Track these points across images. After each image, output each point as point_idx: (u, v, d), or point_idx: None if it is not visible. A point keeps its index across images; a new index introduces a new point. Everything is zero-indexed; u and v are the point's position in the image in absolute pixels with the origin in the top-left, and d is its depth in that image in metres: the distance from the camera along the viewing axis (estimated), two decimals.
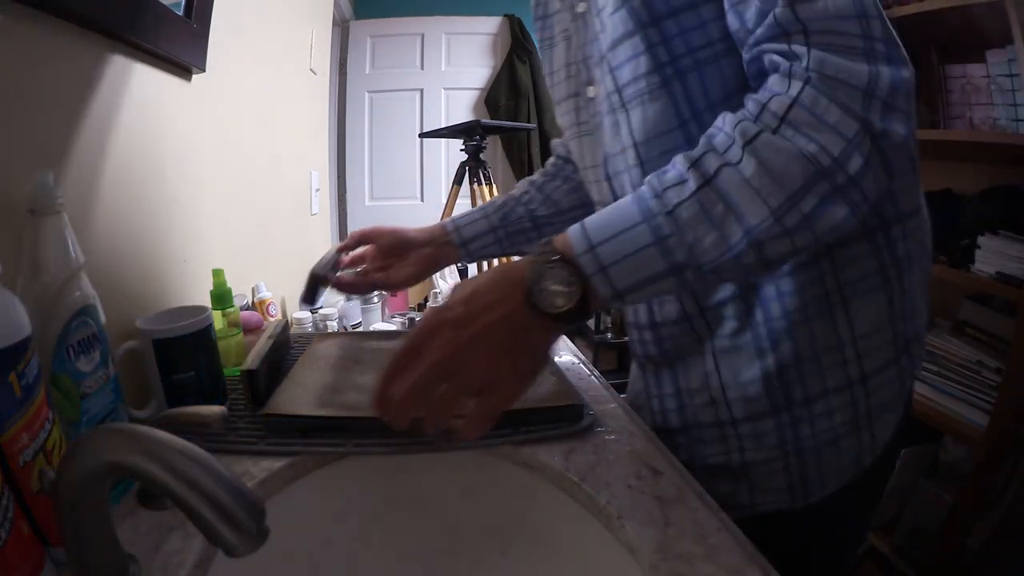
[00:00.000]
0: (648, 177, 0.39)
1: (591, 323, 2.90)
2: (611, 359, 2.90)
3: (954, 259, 1.25)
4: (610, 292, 0.37)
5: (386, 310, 1.18)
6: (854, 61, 0.36)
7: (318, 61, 1.53)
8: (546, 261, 0.37)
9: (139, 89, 0.65)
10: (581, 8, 0.52)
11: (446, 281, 1.52)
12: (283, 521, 0.47)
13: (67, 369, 0.40)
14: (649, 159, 0.47)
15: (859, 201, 0.36)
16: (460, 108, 2.93)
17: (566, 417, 0.54)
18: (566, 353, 0.78)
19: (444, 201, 2.14)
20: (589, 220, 0.39)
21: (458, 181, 2.03)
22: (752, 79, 0.41)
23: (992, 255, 1.17)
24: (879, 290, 0.47)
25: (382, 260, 0.71)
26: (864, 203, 0.36)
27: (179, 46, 0.71)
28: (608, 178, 0.53)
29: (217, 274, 0.71)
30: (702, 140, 0.39)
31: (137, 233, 0.65)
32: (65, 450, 0.34)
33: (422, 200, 2.98)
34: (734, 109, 0.41)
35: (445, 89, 2.93)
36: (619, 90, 0.48)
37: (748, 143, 0.36)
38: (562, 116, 0.60)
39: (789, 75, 0.37)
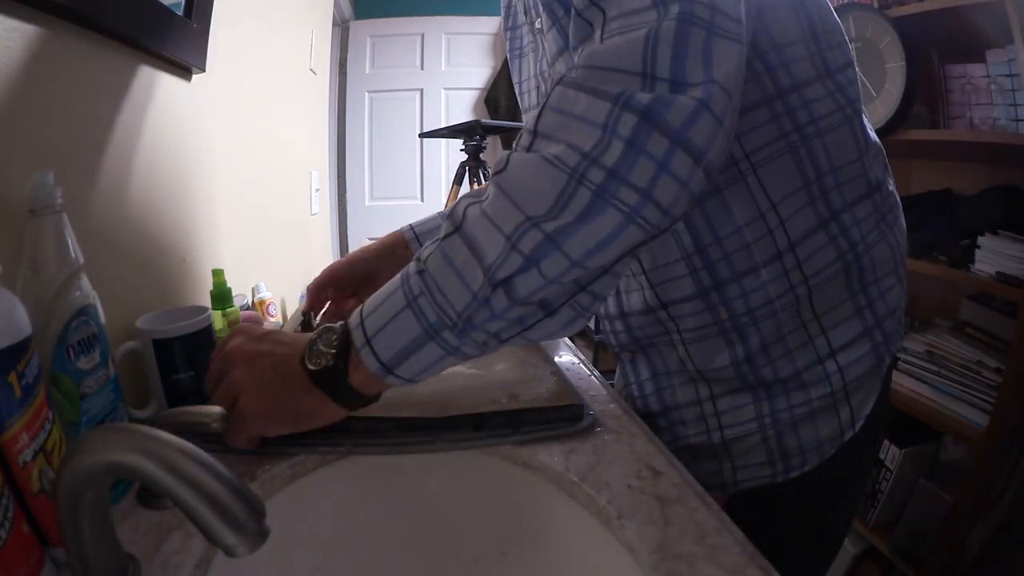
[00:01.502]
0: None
1: (591, 323, 2.90)
2: (611, 359, 2.89)
3: (954, 259, 1.25)
4: (375, 364, 0.37)
5: None
6: (633, 32, 0.29)
7: (318, 61, 1.53)
8: (329, 330, 0.40)
9: (139, 89, 0.65)
10: (539, 24, 0.54)
11: None
12: (283, 521, 0.48)
13: (67, 369, 0.40)
14: None
15: (635, 202, 0.28)
16: (460, 108, 2.94)
17: (566, 417, 0.54)
18: (566, 353, 0.78)
19: (444, 201, 2.15)
20: (371, 297, 0.38)
21: (458, 181, 2.03)
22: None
23: (992, 255, 1.17)
24: (840, 274, 0.48)
25: (353, 295, 0.69)
26: (646, 202, 0.28)
27: (179, 46, 0.71)
28: None
29: (217, 274, 0.72)
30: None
31: (137, 233, 0.65)
32: (65, 450, 0.34)
33: (422, 200, 2.98)
34: None
35: (445, 89, 2.93)
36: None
37: (497, 174, 0.32)
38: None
39: (559, 82, 0.32)
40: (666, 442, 0.55)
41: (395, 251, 0.69)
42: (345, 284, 0.67)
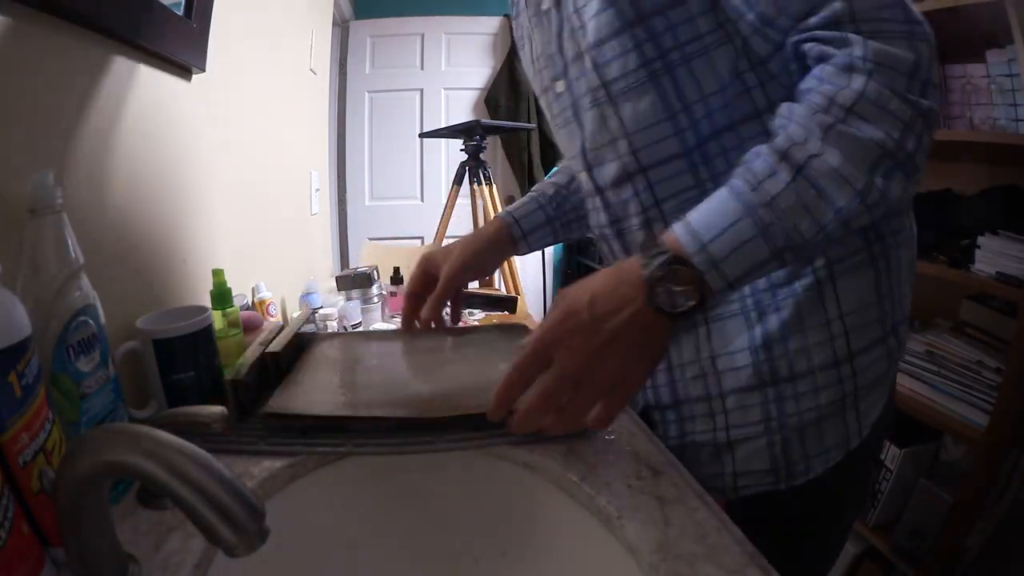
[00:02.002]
0: (737, 171, 0.41)
1: None
2: None
3: (954, 259, 1.25)
4: (723, 284, 0.40)
5: (386, 310, 1.18)
6: (900, 47, 0.39)
7: (318, 61, 1.53)
8: (661, 263, 0.40)
9: (139, 89, 0.65)
10: (546, 5, 0.54)
11: None
12: (283, 521, 0.48)
13: (67, 369, 0.40)
14: (643, 146, 0.50)
15: (914, 171, 0.40)
16: (460, 108, 2.93)
17: None
18: None
19: (444, 201, 2.14)
20: (693, 218, 0.41)
21: (458, 181, 2.03)
22: (791, 61, 0.43)
23: (992, 255, 1.17)
24: (866, 267, 0.48)
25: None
26: (918, 171, 0.40)
27: (179, 46, 0.71)
28: (588, 168, 0.55)
29: (217, 274, 0.72)
30: (779, 132, 0.41)
31: (137, 233, 0.65)
32: (65, 450, 0.34)
33: (422, 200, 2.98)
34: (728, 99, 0.46)
35: (445, 89, 2.93)
36: (605, 85, 0.49)
37: (826, 134, 0.39)
38: (545, 109, 0.63)
39: (850, 68, 0.39)
40: (673, 436, 0.56)
41: (500, 242, 0.70)
42: (462, 285, 0.69)
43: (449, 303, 0.69)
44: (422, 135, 2.45)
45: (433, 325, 0.68)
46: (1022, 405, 1.12)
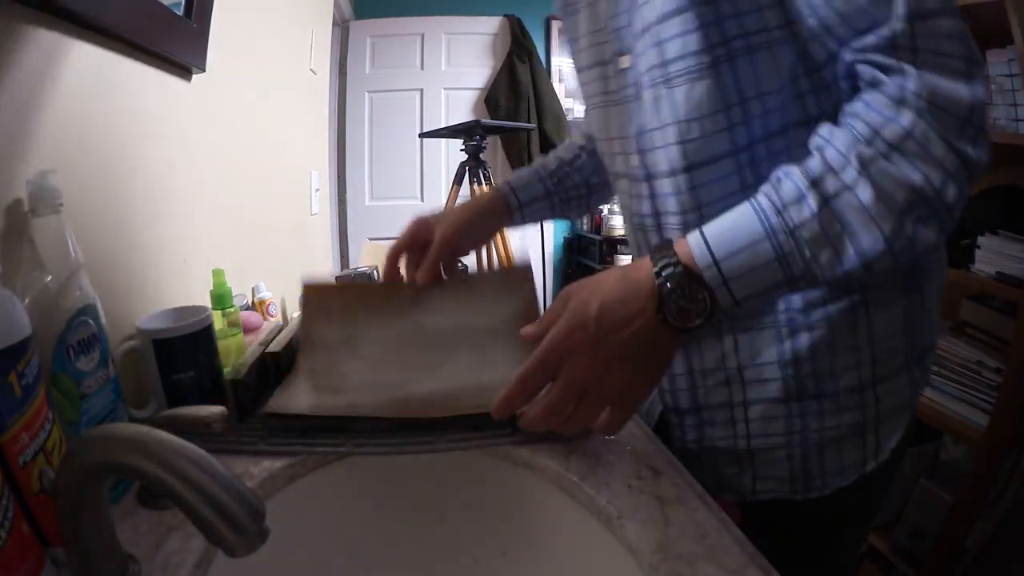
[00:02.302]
0: (764, 188, 0.40)
1: None
2: None
3: (954, 259, 1.25)
4: (729, 302, 0.40)
5: None
6: (957, 84, 0.36)
7: (318, 61, 1.53)
8: (672, 274, 0.40)
9: (139, 89, 0.65)
10: None
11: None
12: (283, 521, 0.48)
13: (67, 369, 0.40)
14: (690, 139, 0.47)
15: (949, 223, 0.38)
16: (460, 108, 2.94)
17: None
18: None
19: (444, 201, 2.15)
20: (709, 231, 0.40)
21: (458, 181, 2.03)
22: (842, 78, 0.41)
23: (992, 255, 1.17)
24: (899, 297, 0.48)
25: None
26: (953, 224, 0.38)
27: (179, 46, 0.71)
28: (640, 152, 0.51)
29: (217, 274, 0.72)
30: (815, 153, 0.39)
31: (137, 233, 0.65)
32: (65, 450, 0.34)
33: (422, 200, 2.98)
34: (784, 101, 0.43)
35: (445, 89, 2.93)
36: (664, 64, 0.46)
37: (863, 168, 0.37)
38: (586, 84, 0.58)
39: (900, 101, 0.37)
40: (691, 440, 0.55)
41: (496, 211, 0.68)
42: (457, 252, 0.65)
43: (443, 269, 0.64)
44: (422, 135, 2.45)
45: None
46: (1022, 405, 1.12)
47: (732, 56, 0.43)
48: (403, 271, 0.65)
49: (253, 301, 0.99)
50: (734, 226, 0.39)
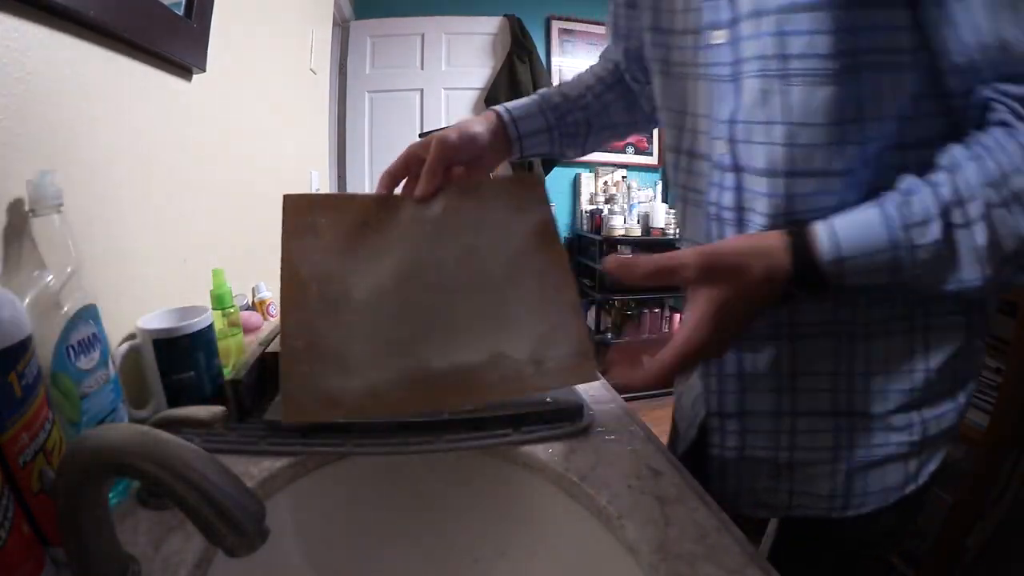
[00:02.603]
0: (894, 197, 0.40)
1: (592, 323, 2.90)
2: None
3: None
4: (830, 285, 0.41)
5: None
6: None
7: (318, 61, 1.53)
8: (802, 261, 0.41)
9: (139, 89, 0.65)
10: None
11: None
12: (283, 521, 0.48)
13: (67, 369, 0.40)
14: (799, 144, 0.44)
15: None
16: (460, 108, 2.93)
17: (566, 417, 0.54)
18: None
19: None
20: (843, 231, 0.41)
21: None
22: (972, 107, 0.41)
23: None
24: (958, 327, 0.48)
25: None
26: None
27: (179, 46, 0.71)
28: (731, 140, 0.48)
29: (217, 274, 0.72)
30: (945, 176, 0.39)
31: (137, 233, 0.65)
32: (65, 450, 0.34)
33: None
34: (902, 127, 0.43)
35: (445, 89, 2.93)
36: (785, 58, 0.43)
37: (987, 210, 0.38)
38: (670, 49, 0.54)
39: None
40: (731, 447, 0.53)
41: (495, 136, 0.62)
42: (457, 157, 0.59)
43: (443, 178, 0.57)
44: (422, 135, 2.45)
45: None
46: (1022, 405, 1.12)
47: (858, 69, 0.41)
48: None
49: (253, 301, 0.99)
50: (863, 229, 0.40)
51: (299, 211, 0.54)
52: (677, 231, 0.57)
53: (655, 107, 0.60)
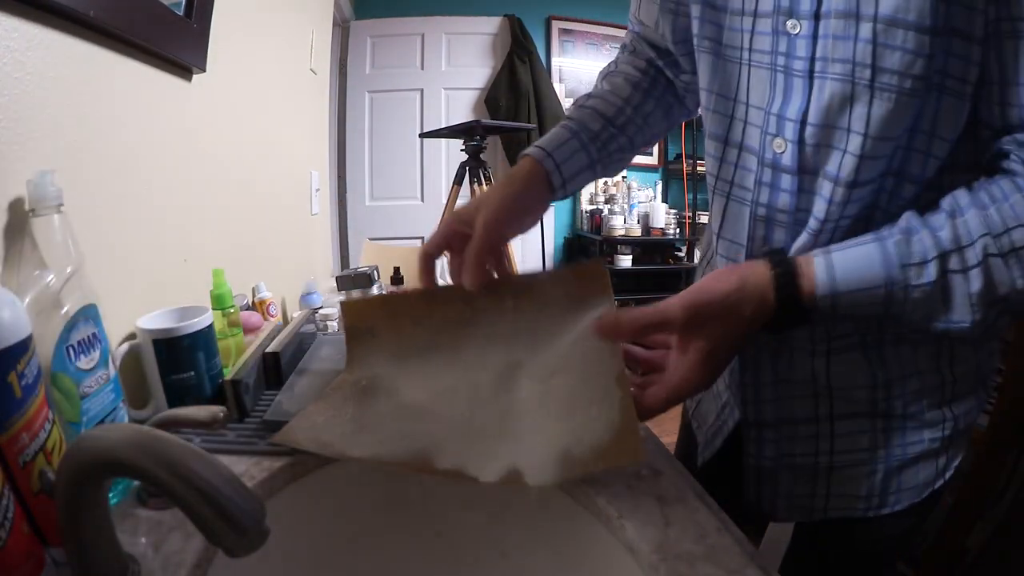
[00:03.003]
0: (895, 234, 0.41)
1: None
2: None
3: None
4: (815, 317, 0.42)
5: None
6: None
7: (318, 61, 1.53)
8: (787, 295, 0.42)
9: (139, 89, 0.65)
10: None
11: (447, 281, 1.51)
12: (283, 521, 0.48)
13: (67, 369, 0.40)
14: (872, 156, 0.43)
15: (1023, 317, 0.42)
16: (460, 108, 2.94)
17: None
18: None
19: (444, 201, 2.15)
20: (841, 264, 0.41)
21: (458, 181, 2.03)
22: (993, 157, 0.42)
23: None
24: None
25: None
26: None
27: (179, 46, 0.71)
28: (799, 141, 0.45)
29: (217, 274, 0.72)
30: (946, 218, 0.40)
31: (137, 233, 0.65)
32: (65, 450, 0.34)
33: (422, 200, 2.99)
34: (947, 150, 0.43)
35: (445, 89, 2.93)
36: (875, 69, 0.41)
37: (984, 258, 0.39)
38: (728, 30, 0.49)
39: None
40: (768, 456, 0.53)
41: (541, 192, 0.56)
42: (503, 240, 0.54)
43: (493, 262, 0.53)
44: (422, 135, 2.45)
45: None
46: (1022, 405, 1.12)
47: (930, 91, 0.42)
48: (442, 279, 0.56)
49: (253, 301, 0.99)
50: (860, 264, 0.41)
51: (356, 316, 0.55)
52: (716, 225, 0.55)
53: (697, 101, 0.57)
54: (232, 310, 0.71)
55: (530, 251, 2.99)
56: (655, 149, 3.28)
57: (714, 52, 0.51)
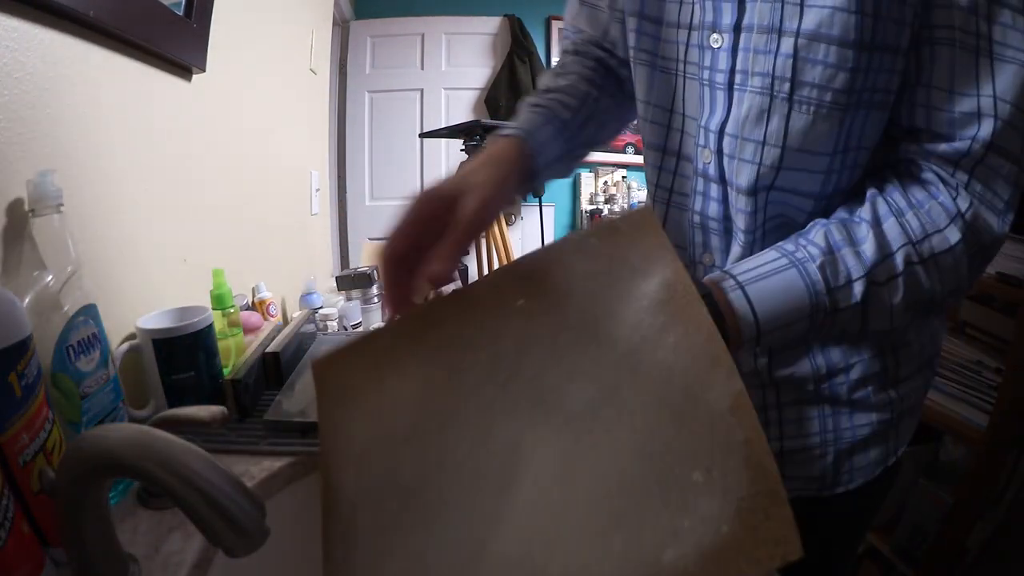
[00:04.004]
0: (819, 259, 0.39)
1: None
2: None
3: None
4: (752, 344, 0.40)
5: (386, 310, 1.18)
6: (993, 222, 0.40)
7: (318, 61, 1.53)
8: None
9: (139, 89, 0.65)
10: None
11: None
12: (283, 521, 0.48)
13: (67, 369, 0.40)
14: (790, 168, 0.43)
15: (939, 311, 0.43)
16: (460, 108, 2.93)
17: None
18: None
19: None
20: (759, 302, 0.39)
21: None
22: (901, 163, 0.43)
23: None
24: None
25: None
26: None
27: (179, 46, 0.71)
28: (719, 152, 0.46)
29: (217, 274, 0.72)
30: (868, 225, 0.40)
31: (137, 233, 0.65)
32: (65, 450, 0.34)
33: None
34: (867, 158, 0.44)
35: (445, 89, 2.93)
36: (795, 83, 0.41)
37: (905, 267, 0.39)
38: (663, 42, 0.49)
39: (954, 217, 0.39)
40: None
41: (523, 174, 0.48)
42: (485, 229, 0.44)
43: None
44: (422, 135, 2.45)
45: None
46: (1022, 405, 1.12)
47: (856, 107, 0.41)
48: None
49: (253, 301, 0.99)
50: (786, 297, 0.39)
51: (325, 377, 0.41)
52: None
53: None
54: (232, 310, 0.71)
55: (529, 247, 2.99)
56: None
57: (650, 64, 0.51)
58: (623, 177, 3.16)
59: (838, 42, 0.39)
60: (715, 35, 0.45)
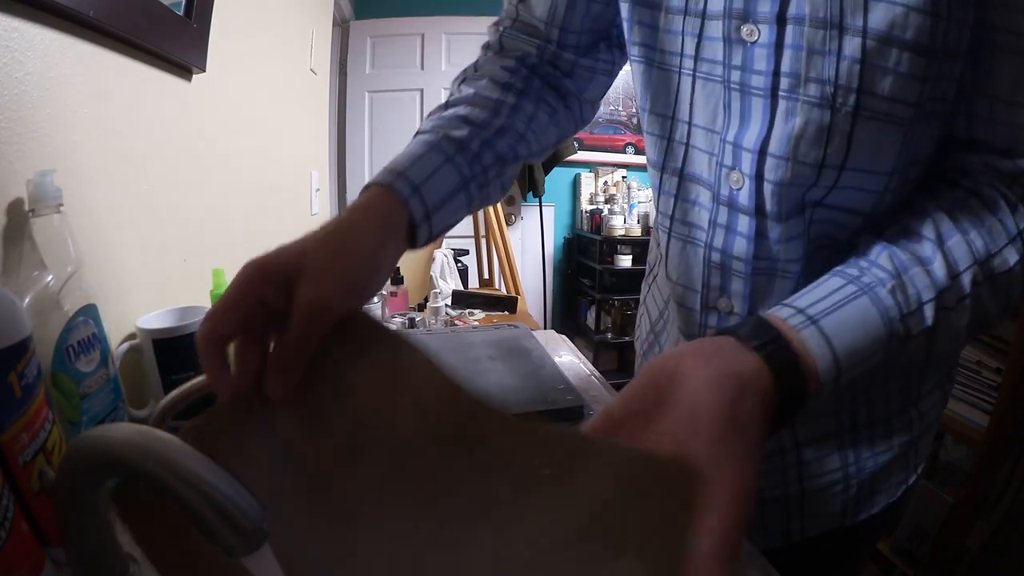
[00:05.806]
0: (888, 283, 0.34)
1: (591, 323, 2.90)
2: (611, 359, 2.90)
3: None
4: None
5: (386, 310, 1.18)
6: None
7: (318, 61, 1.53)
8: (792, 395, 0.31)
9: (139, 89, 0.65)
10: None
11: (446, 281, 1.52)
12: None
13: (67, 369, 0.40)
14: (843, 187, 0.38)
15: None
16: None
17: (566, 417, 0.54)
18: (566, 353, 0.78)
19: None
20: (836, 337, 0.32)
21: None
22: (956, 174, 0.39)
23: None
24: None
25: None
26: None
27: (179, 46, 0.71)
28: (758, 177, 0.38)
29: (217, 274, 0.72)
30: (932, 244, 0.35)
31: (137, 233, 0.65)
32: (65, 450, 0.34)
33: None
34: (920, 173, 0.40)
35: (445, 89, 2.91)
36: (860, 93, 0.35)
37: (972, 290, 0.36)
38: (665, 32, 0.41)
39: (1015, 236, 0.36)
40: None
41: (394, 232, 0.38)
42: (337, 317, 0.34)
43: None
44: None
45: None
46: (1022, 405, 1.12)
47: (920, 119, 0.36)
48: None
49: None
50: (864, 330, 0.33)
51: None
52: (662, 262, 0.48)
53: (593, 102, 0.52)
54: None
55: (530, 251, 3.00)
56: None
57: (646, 60, 0.43)
58: (623, 177, 3.16)
59: (912, 47, 0.33)
60: (748, 26, 0.36)
